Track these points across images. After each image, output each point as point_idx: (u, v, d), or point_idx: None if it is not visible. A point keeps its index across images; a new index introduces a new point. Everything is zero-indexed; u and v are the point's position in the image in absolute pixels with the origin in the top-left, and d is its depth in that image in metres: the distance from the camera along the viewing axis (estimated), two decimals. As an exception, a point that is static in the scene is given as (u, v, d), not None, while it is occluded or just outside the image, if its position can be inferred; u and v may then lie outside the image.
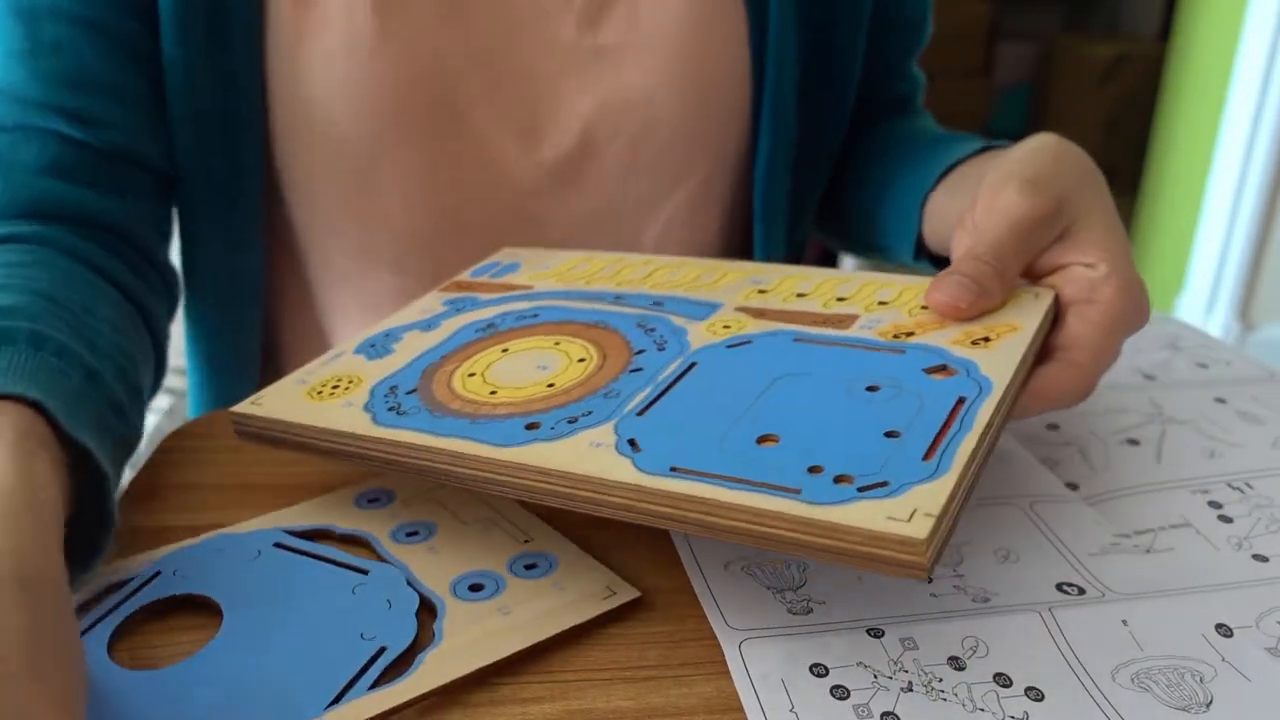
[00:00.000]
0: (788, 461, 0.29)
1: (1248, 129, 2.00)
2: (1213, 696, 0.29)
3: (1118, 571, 0.35)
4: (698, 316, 0.40)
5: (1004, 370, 0.33)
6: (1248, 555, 0.36)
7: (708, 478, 0.29)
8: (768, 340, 0.37)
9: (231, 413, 0.38)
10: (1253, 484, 0.41)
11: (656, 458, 0.30)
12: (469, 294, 0.46)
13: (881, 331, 0.36)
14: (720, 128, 0.58)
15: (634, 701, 0.30)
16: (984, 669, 0.30)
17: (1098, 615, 0.33)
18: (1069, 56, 3.12)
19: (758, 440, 0.30)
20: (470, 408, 0.35)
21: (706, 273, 0.44)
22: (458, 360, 0.39)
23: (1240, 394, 0.49)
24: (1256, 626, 0.32)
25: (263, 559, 0.36)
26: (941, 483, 0.27)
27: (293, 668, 0.31)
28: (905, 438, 0.29)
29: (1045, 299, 0.37)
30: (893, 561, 0.26)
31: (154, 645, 0.33)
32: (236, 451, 0.43)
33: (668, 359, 0.36)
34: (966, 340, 0.35)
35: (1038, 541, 0.37)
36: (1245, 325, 2.14)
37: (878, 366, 0.34)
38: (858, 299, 0.39)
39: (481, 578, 0.34)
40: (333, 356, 0.42)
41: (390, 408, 0.36)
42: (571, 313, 0.42)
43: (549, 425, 0.33)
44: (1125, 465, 0.42)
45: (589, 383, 0.36)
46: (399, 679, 0.30)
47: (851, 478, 0.28)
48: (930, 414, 0.30)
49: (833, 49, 0.60)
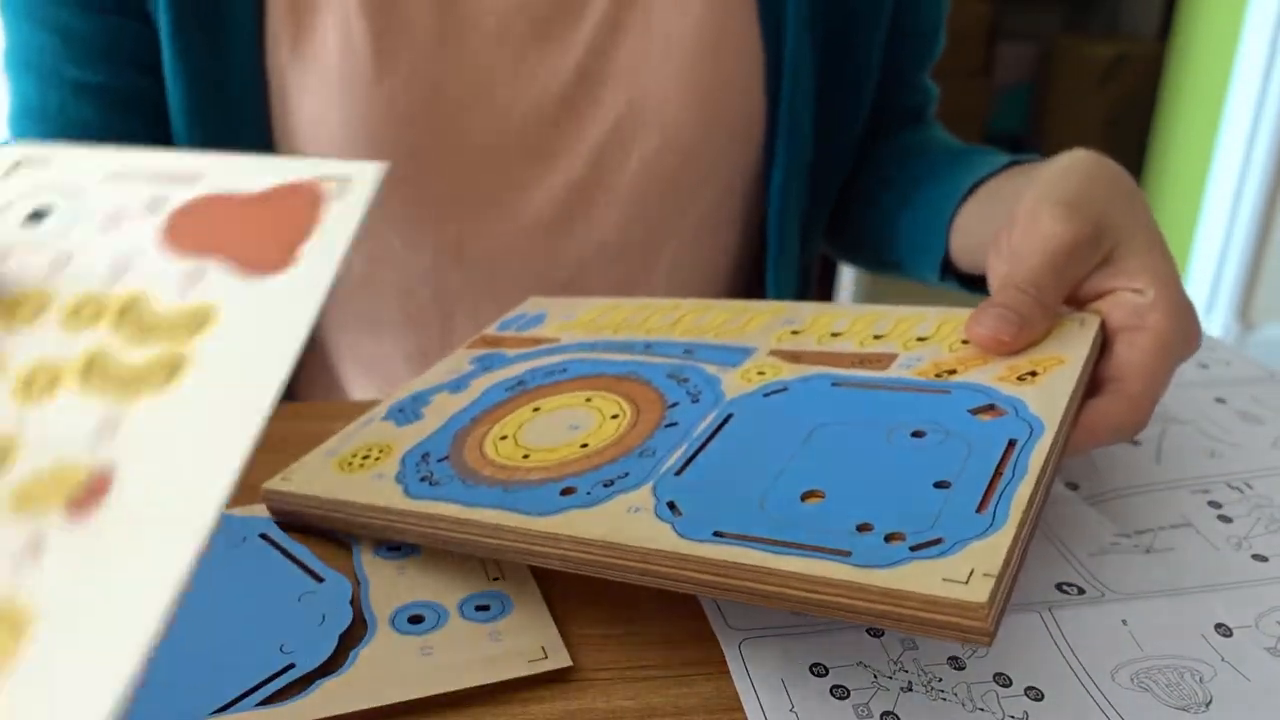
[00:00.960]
0: (835, 520, 0.28)
1: (1247, 129, 2.00)
2: (1212, 696, 0.30)
3: (1118, 571, 0.35)
4: (731, 363, 0.38)
5: (1054, 408, 0.31)
6: (1247, 555, 0.36)
7: (753, 542, 0.27)
8: (804, 386, 0.35)
9: (263, 490, 0.38)
10: (1252, 484, 0.41)
11: (698, 522, 0.29)
12: (496, 350, 0.45)
13: (922, 371, 0.35)
14: (733, 149, 0.57)
15: (634, 701, 0.30)
16: (984, 669, 0.30)
17: (1097, 615, 0.33)
18: (1069, 56, 3.12)
19: (802, 497, 0.29)
20: (504, 473, 0.34)
21: (735, 316, 0.42)
22: (489, 422, 0.38)
23: (1240, 394, 0.49)
24: (1256, 626, 0.32)
25: (245, 546, 0.36)
26: (999, 537, 0.25)
27: (203, 665, 0.31)
28: (956, 488, 0.28)
29: (1091, 326, 0.36)
30: (953, 627, 0.24)
31: None
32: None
33: (703, 411, 0.35)
34: (1012, 376, 0.33)
35: (1038, 541, 0.37)
36: (1245, 325, 2.14)
37: (921, 410, 0.32)
38: (895, 336, 0.38)
39: (426, 609, 0.33)
40: (363, 423, 0.41)
41: (422, 477, 0.35)
42: (602, 365, 0.40)
43: (585, 490, 0.32)
44: (1125, 465, 0.42)
45: (623, 441, 0.34)
46: (290, 700, 0.29)
47: (903, 535, 0.26)
48: (980, 460, 0.29)
49: (849, 65, 0.59)
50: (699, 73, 0.54)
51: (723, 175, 0.58)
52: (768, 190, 0.59)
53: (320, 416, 0.43)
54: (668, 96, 0.54)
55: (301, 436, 0.41)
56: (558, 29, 0.54)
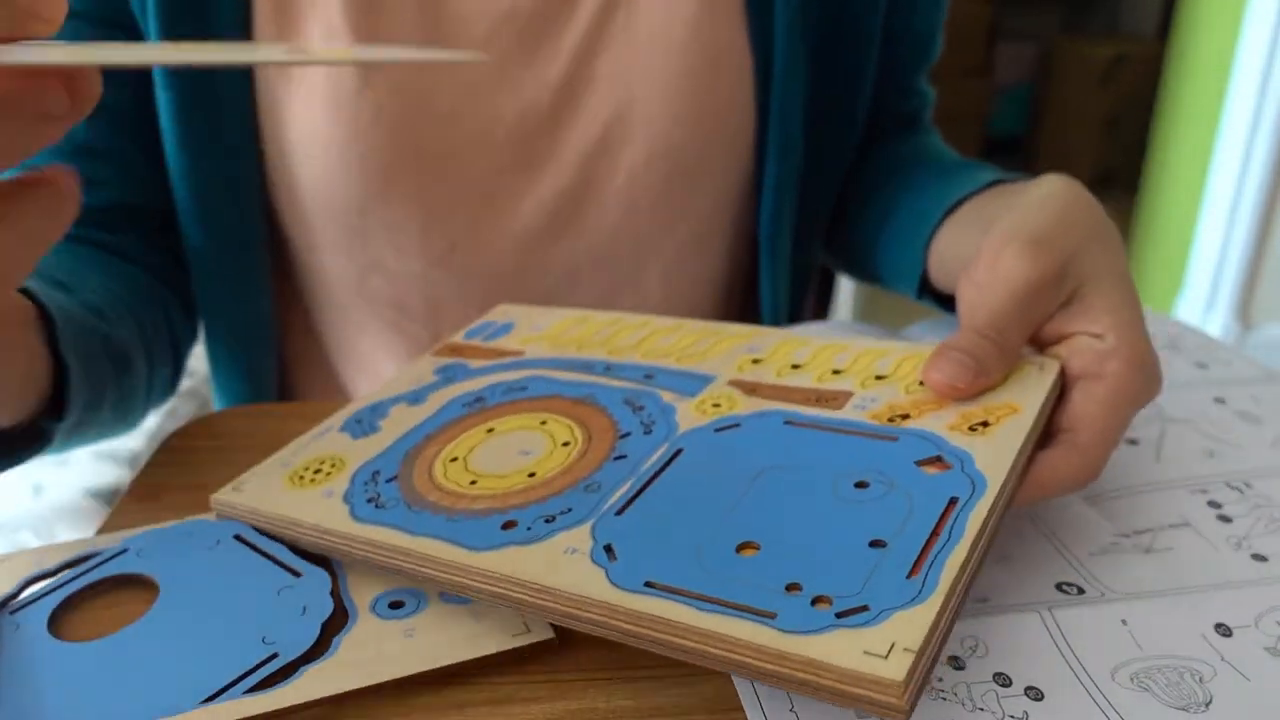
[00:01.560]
0: (766, 577, 0.28)
1: (1247, 129, 2.00)
2: (1212, 696, 0.30)
3: (1117, 571, 0.35)
4: (688, 392, 0.38)
5: (1000, 464, 0.31)
6: (1247, 555, 0.36)
7: (682, 596, 0.27)
8: (757, 423, 0.36)
9: (214, 500, 0.38)
10: (1252, 483, 0.41)
11: (631, 570, 0.29)
12: (460, 360, 0.45)
13: (875, 414, 0.35)
14: (723, 159, 0.57)
15: (634, 701, 0.30)
16: (984, 669, 0.30)
17: (1097, 615, 0.33)
18: (1069, 56, 3.13)
19: (737, 548, 0.29)
20: (449, 500, 0.34)
21: (702, 339, 0.43)
22: (441, 441, 0.38)
23: (1239, 394, 0.49)
24: (1256, 626, 0.32)
25: (220, 549, 0.36)
26: (924, 610, 0.25)
27: (186, 660, 0.31)
28: (891, 548, 0.28)
29: (1050, 372, 0.35)
30: (869, 701, 0.24)
31: (91, 621, 0.34)
32: (238, 451, 0.43)
33: (653, 444, 0.35)
34: (964, 425, 0.33)
35: (1037, 540, 0.37)
36: (1244, 325, 2.14)
37: (868, 458, 0.32)
38: (854, 371, 0.38)
39: (406, 595, 0.34)
40: (319, 433, 0.41)
41: (369, 498, 0.35)
42: (560, 385, 0.41)
43: (526, 524, 0.32)
44: (1125, 464, 0.42)
45: (571, 472, 0.35)
46: (276, 686, 0.30)
47: (830, 600, 0.26)
48: (919, 519, 0.29)
49: (840, 74, 0.58)
50: (687, 82, 0.54)
51: (713, 185, 0.58)
52: (759, 200, 0.58)
53: (320, 416, 0.43)
54: (655, 106, 0.54)
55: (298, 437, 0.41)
56: (544, 38, 0.53)
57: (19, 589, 0.35)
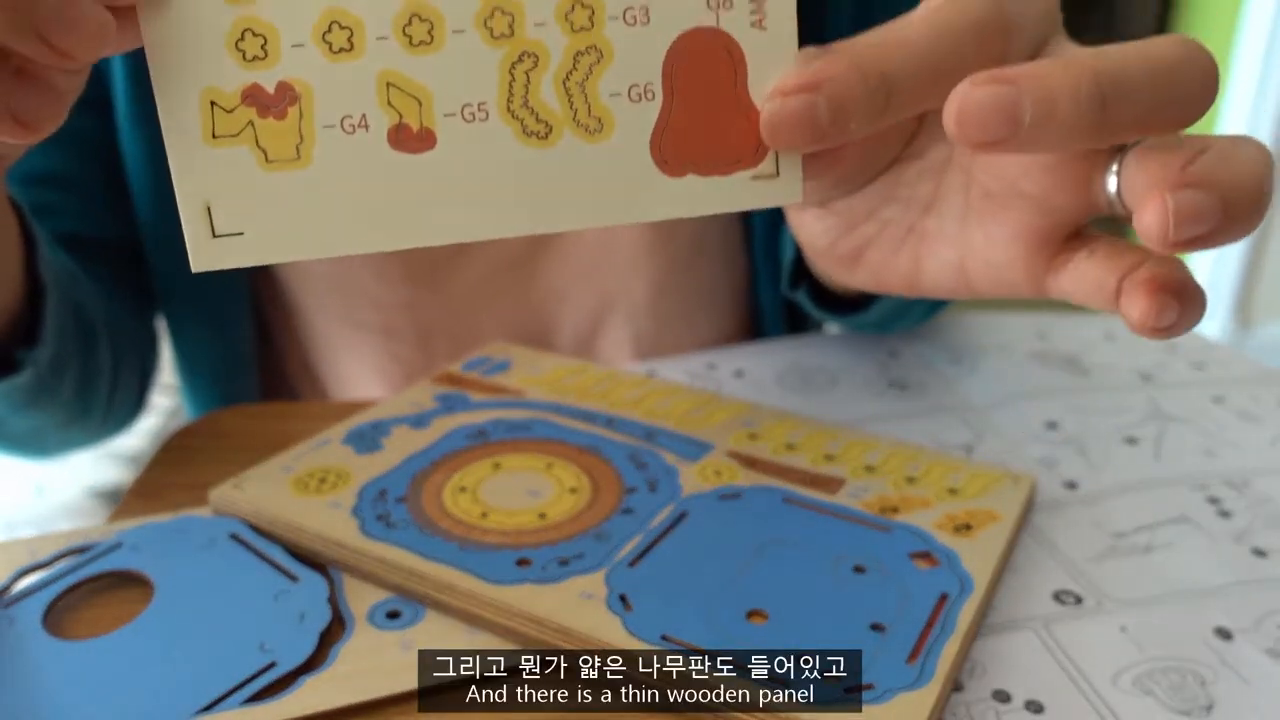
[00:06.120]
0: (777, 645, 0.29)
1: (1244, 130, 2.00)
2: (1214, 700, 0.29)
3: (1115, 575, 0.35)
4: (690, 456, 0.39)
5: (985, 567, 0.33)
6: (1246, 554, 0.36)
7: (697, 654, 0.29)
8: (758, 495, 0.37)
9: (213, 496, 0.38)
10: (1251, 482, 0.41)
11: (648, 621, 0.30)
12: (460, 390, 0.46)
13: (867, 504, 0.36)
14: None
15: (645, 711, 0.30)
16: (982, 687, 0.30)
17: (1096, 623, 0.32)
18: (1066, 56, 3.12)
19: (747, 615, 0.30)
20: (460, 529, 0.35)
21: (698, 407, 0.44)
22: (448, 470, 0.39)
23: (1238, 393, 0.48)
24: (1256, 629, 0.32)
25: (213, 548, 0.36)
26: (924, 693, 0.27)
27: (182, 667, 0.31)
28: (890, 633, 0.29)
29: (1024, 486, 0.38)
30: None
31: (85, 618, 0.33)
32: (241, 451, 0.43)
33: (659, 503, 0.36)
34: (949, 525, 0.35)
35: (1033, 548, 0.37)
36: (1243, 325, 2.14)
37: (864, 545, 0.34)
38: (845, 459, 0.39)
39: (403, 605, 0.34)
40: (319, 443, 0.41)
41: (379, 516, 0.36)
42: (564, 432, 0.41)
43: (540, 564, 0.33)
44: (1124, 463, 0.42)
45: (581, 519, 0.35)
46: (275, 698, 0.29)
47: (838, 676, 0.28)
48: (915, 609, 0.31)
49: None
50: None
51: None
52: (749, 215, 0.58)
53: (325, 416, 0.43)
54: None
55: (301, 437, 0.41)
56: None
57: (12, 580, 0.34)
